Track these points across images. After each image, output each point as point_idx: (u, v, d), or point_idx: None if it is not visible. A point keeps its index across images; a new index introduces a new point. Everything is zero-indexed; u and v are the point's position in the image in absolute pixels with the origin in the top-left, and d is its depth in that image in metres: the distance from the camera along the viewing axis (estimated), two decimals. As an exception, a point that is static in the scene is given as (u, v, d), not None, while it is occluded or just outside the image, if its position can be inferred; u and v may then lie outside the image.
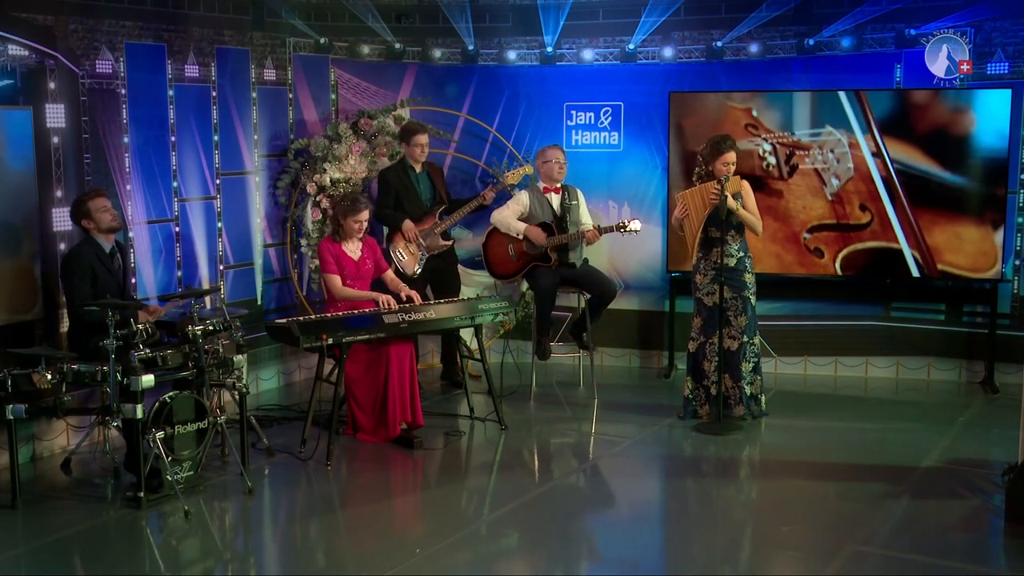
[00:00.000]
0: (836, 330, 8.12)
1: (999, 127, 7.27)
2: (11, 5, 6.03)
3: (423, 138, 7.48)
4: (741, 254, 6.65)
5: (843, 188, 7.61)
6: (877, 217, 7.50)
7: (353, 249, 6.59)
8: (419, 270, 7.45)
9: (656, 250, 8.28)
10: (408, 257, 7.41)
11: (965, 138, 7.39)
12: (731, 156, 6.54)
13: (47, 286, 6.25)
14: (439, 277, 7.56)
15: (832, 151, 7.61)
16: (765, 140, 7.70)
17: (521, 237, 7.35)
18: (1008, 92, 7.26)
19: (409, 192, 7.47)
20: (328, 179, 7.70)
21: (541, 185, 7.46)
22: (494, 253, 7.52)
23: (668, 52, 8.18)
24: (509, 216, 7.39)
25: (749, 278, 6.67)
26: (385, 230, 7.62)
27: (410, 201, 7.46)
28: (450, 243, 7.61)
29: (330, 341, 6.03)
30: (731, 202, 6.46)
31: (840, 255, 7.63)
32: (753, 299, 6.70)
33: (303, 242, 7.93)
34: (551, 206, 7.41)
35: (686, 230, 6.63)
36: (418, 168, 7.51)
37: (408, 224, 7.39)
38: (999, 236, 7.37)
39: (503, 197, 7.74)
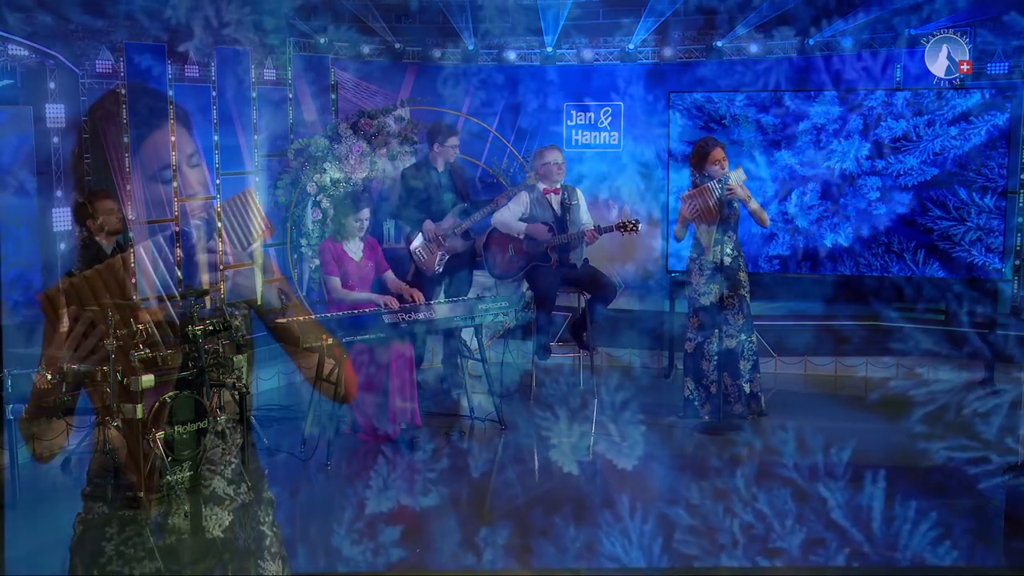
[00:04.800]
0: (836, 330, 8.12)
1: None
2: (11, 5, 6.02)
3: (457, 140, 7.49)
4: (736, 253, 6.66)
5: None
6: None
7: (355, 250, 6.58)
8: (440, 270, 7.45)
9: (656, 250, 8.27)
10: (428, 257, 7.40)
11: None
12: (718, 153, 6.57)
13: (46, 286, 6.24)
14: (453, 277, 7.56)
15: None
16: None
17: (522, 237, 7.34)
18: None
19: (432, 192, 7.46)
20: (328, 179, 7.70)
21: (541, 186, 7.44)
22: (494, 253, 7.50)
23: (668, 52, 8.17)
24: (510, 218, 7.37)
25: (743, 276, 6.70)
26: (406, 229, 7.61)
27: (432, 201, 7.45)
28: (470, 243, 7.61)
29: (330, 341, 6.01)
30: (741, 192, 6.52)
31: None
32: (748, 297, 6.71)
33: (303, 242, 7.92)
34: (551, 206, 7.40)
35: (700, 231, 6.62)
36: (440, 168, 7.51)
37: (429, 224, 7.38)
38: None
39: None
